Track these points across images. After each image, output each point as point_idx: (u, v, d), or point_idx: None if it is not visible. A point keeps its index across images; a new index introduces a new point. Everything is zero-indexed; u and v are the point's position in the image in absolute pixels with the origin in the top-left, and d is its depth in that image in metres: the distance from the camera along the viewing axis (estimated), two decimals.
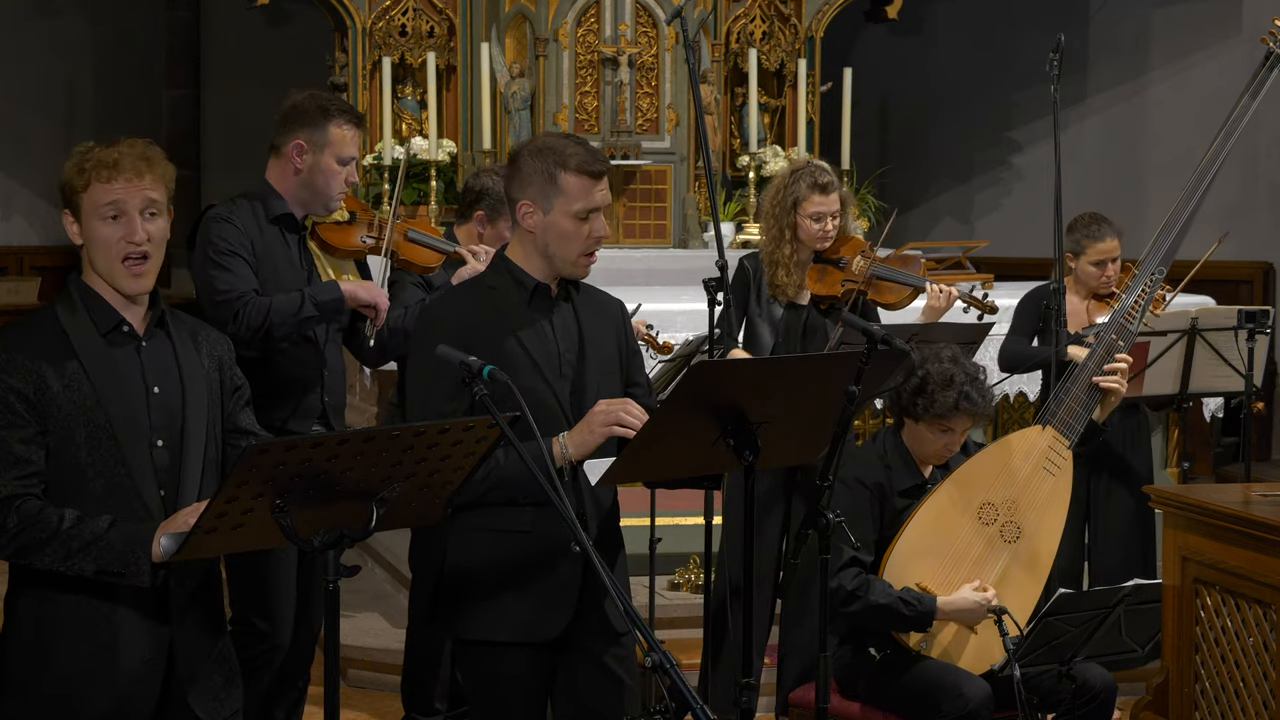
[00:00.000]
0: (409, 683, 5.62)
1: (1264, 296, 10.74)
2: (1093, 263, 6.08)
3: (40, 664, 3.34)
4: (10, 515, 3.24)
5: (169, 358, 3.40)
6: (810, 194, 5.48)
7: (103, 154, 3.32)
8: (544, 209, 3.67)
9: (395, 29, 9.20)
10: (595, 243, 3.70)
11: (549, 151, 3.68)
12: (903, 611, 4.53)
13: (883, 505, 4.70)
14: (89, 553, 3.23)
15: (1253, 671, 4.34)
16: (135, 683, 3.34)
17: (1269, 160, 10.53)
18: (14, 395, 3.25)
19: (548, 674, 3.76)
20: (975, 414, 4.66)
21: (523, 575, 3.69)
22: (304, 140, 4.63)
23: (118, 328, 3.36)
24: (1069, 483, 4.80)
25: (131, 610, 3.33)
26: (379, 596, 7.22)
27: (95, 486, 3.29)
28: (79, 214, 3.34)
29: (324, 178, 4.65)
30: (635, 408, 3.52)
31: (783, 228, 5.50)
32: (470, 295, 3.82)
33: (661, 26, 8.88)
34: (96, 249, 3.33)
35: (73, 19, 12.39)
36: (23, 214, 12.27)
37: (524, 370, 3.62)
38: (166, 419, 3.36)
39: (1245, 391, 6.14)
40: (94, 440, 3.29)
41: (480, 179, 5.54)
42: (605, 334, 3.81)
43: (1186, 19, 11.11)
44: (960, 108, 12.25)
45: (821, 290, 5.58)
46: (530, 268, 3.72)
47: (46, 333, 3.32)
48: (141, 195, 3.32)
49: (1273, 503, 4.49)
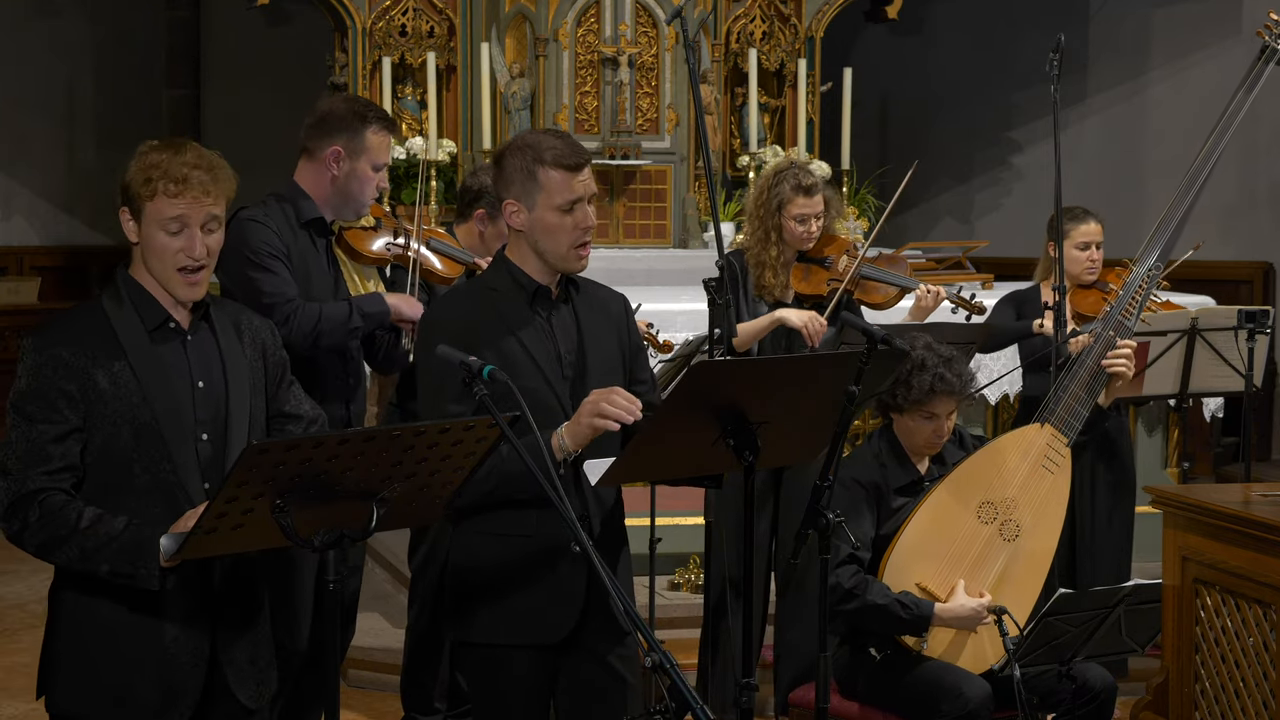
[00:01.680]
0: (409, 682, 5.62)
1: (1264, 296, 10.74)
2: (1078, 246, 6.15)
3: (89, 656, 3.36)
4: (34, 508, 3.27)
5: (213, 350, 3.43)
6: (794, 196, 5.50)
7: (172, 166, 3.33)
8: (528, 206, 3.68)
9: (395, 29, 9.19)
10: (583, 233, 3.68)
11: (526, 148, 3.69)
12: (899, 614, 4.54)
13: (879, 503, 4.71)
14: (103, 553, 3.25)
15: (1253, 671, 4.34)
16: (182, 671, 3.36)
17: (1268, 158, 10.53)
18: (57, 392, 3.28)
19: (551, 675, 3.76)
20: (952, 393, 4.67)
21: (527, 578, 3.69)
22: (342, 147, 4.61)
23: (164, 324, 3.39)
24: (1068, 480, 4.81)
25: (177, 599, 3.35)
26: (379, 596, 7.22)
27: (141, 481, 3.32)
28: (139, 218, 3.36)
29: (359, 184, 4.64)
30: (620, 396, 3.48)
31: (768, 229, 5.51)
32: (471, 296, 3.82)
33: (661, 26, 8.88)
34: (153, 255, 3.36)
35: (73, 19, 12.38)
36: (23, 214, 12.27)
37: (525, 371, 3.62)
38: (211, 412, 3.39)
39: (1245, 391, 6.14)
40: (140, 437, 3.31)
41: (479, 177, 5.54)
42: (606, 332, 3.81)
43: (1186, 19, 11.11)
44: (960, 108, 12.25)
45: (806, 289, 5.59)
46: (528, 268, 3.72)
47: (95, 329, 3.35)
48: (204, 211, 3.35)
49: (1273, 503, 4.49)
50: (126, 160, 3.42)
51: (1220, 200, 10.68)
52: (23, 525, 3.28)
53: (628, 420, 3.46)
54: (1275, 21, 5.34)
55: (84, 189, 12.40)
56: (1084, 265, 6.17)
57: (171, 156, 3.34)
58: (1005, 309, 6.32)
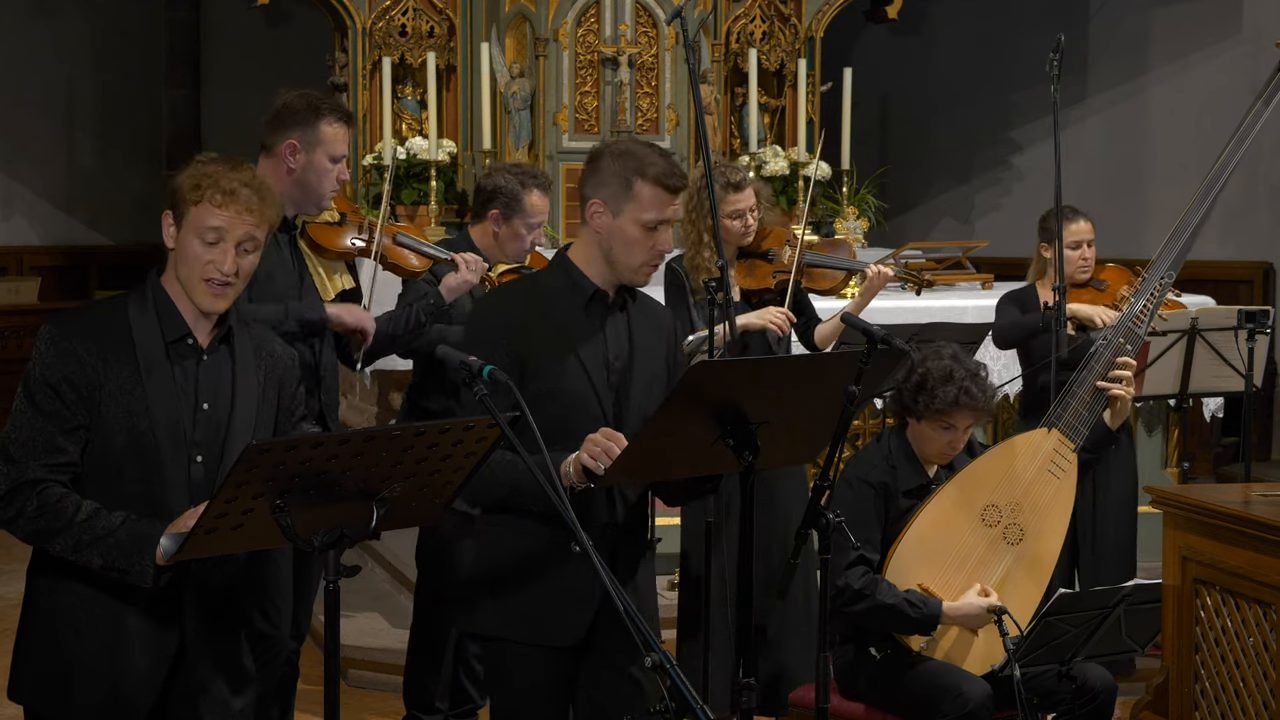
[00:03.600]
0: (411, 681, 5.63)
1: (1264, 296, 10.74)
2: (1069, 245, 6.14)
3: (49, 643, 3.39)
4: (31, 499, 3.28)
5: (226, 375, 3.43)
6: (725, 194, 5.49)
7: (223, 178, 3.35)
8: (614, 211, 3.67)
9: (395, 29, 9.19)
10: (658, 255, 3.70)
11: (630, 156, 3.68)
12: (908, 613, 4.53)
13: (887, 505, 4.70)
14: (97, 547, 3.26)
15: (1253, 671, 4.34)
16: (133, 683, 3.37)
17: (1270, 161, 10.53)
18: (67, 385, 3.30)
19: (570, 675, 3.76)
20: (976, 409, 4.65)
21: (545, 576, 3.68)
22: (297, 140, 4.62)
23: (183, 339, 3.39)
24: (1073, 485, 4.79)
25: (142, 612, 3.36)
26: (379, 596, 7.22)
27: (129, 489, 3.32)
28: (180, 222, 3.37)
29: (317, 176, 4.65)
30: (611, 443, 3.45)
31: (700, 231, 5.48)
32: (523, 293, 3.84)
33: (661, 26, 8.88)
34: (184, 260, 3.37)
35: (73, 19, 12.38)
36: (23, 214, 12.26)
37: (572, 373, 3.64)
38: (209, 436, 3.39)
39: (1245, 391, 6.14)
40: (134, 446, 3.32)
41: (494, 178, 5.54)
42: (656, 347, 3.83)
43: (1186, 19, 11.10)
44: (960, 108, 12.25)
45: (752, 284, 5.59)
46: (591, 271, 3.72)
47: (114, 329, 3.35)
48: (245, 230, 3.36)
49: (1273, 503, 4.48)
50: (183, 164, 3.44)
51: (1221, 200, 10.64)
52: (18, 513, 3.30)
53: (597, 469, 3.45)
54: None
55: (84, 189, 12.40)
56: (1076, 264, 6.19)
57: (226, 170, 3.37)
58: (1009, 307, 6.31)
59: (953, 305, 7.53)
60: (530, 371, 3.62)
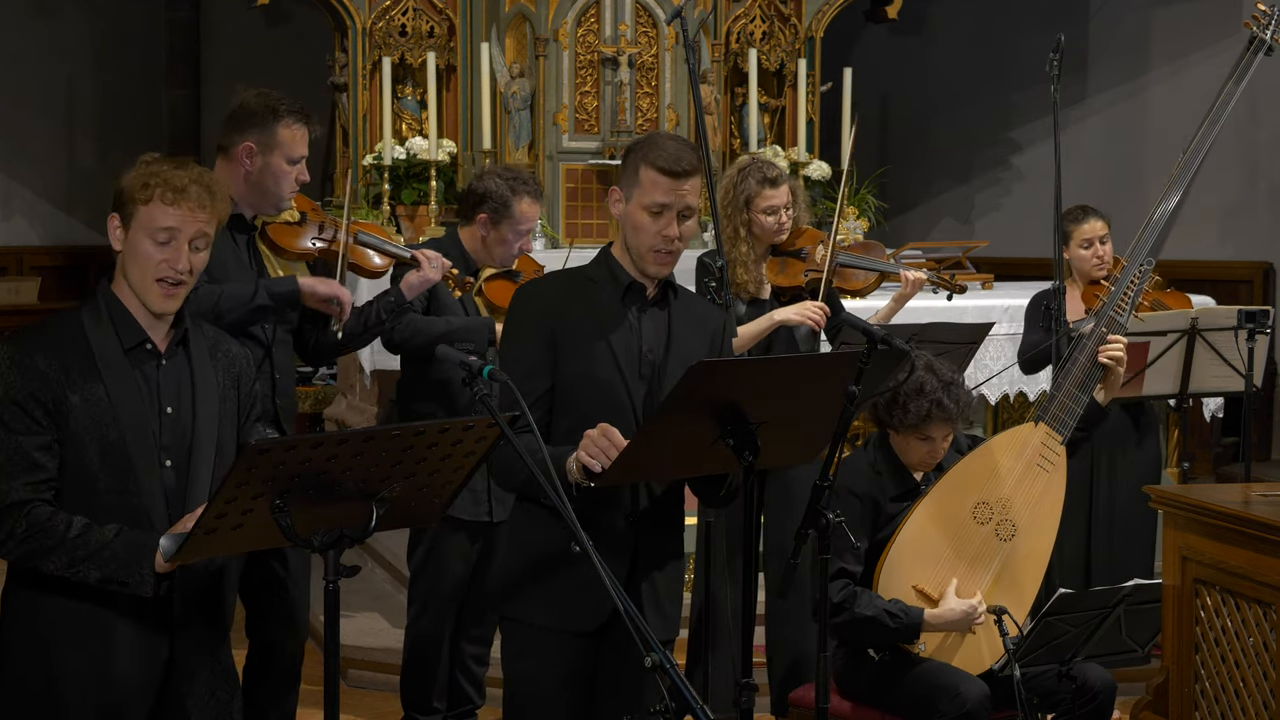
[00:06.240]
0: (408, 682, 5.62)
1: (1264, 296, 10.73)
2: (1081, 245, 6.24)
3: (35, 663, 3.35)
4: (20, 520, 3.25)
5: (185, 377, 3.41)
6: (760, 189, 5.55)
7: (172, 176, 3.33)
8: (626, 198, 3.78)
9: (395, 29, 9.19)
10: (664, 241, 3.73)
11: (643, 144, 3.81)
12: (888, 624, 4.53)
13: (875, 514, 4.70)
14: (94, 561, 3.24)
15: (1253, 671, 4.34)
16: (128, 693, 3.35)
17: (1269, 159, 10.53)
18: (34, 402, 3.26)
19: (589, 664, 3.77)
20: (950, 420, 4.66)
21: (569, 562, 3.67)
22: (254, 142, 4.57)
23: (141, 345, 3.37)
24: (1063, 479, 4.80)
25: (130, 620, 3.34)
26: (379, 596, 7.22)
27: (106, 500, 3.30)
28: (129, 223, 3.35)
29: (274, 179, 4.59)
30: (608, 439, 3.46)
31: (736, 226, 5.55)
32: (564, 282, 3.87)
33: (661, 26, 8.88)
34: (135, 263, 3.35)
35: (73, 19, 12.38)
36: (23, 214, 12.27)
37: (603, 363, 3.68)
38: (177, 439, 3.38)
39: (1245, 391, 6.14)
40: (106, 456, 3.30)
41: (485, 181, 5.51)
42: (697, 342, 3.84)
43: (1186, 19, 11.10)
44: (960, 108, 12.25)
45: (784, 282, 5.60)
46: (625, 263, 3.79)
47: (72, 343, 3.32)
48: (197, 227, 3.35)
49: (1273, 503, 4.49)
50: (126, 163, 3.41)
51: (1220, 200, 10.67)
52: (7, 535, 3.26)
53: (595, 467, 3.46)
54: (1264, 13, 5.37)
55: (84, 189, 12.40)
56: (1091, 263, 6.25)
57: (173, 169, 3.35)
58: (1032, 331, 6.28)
59: (953, 305, 7.51)
60: (562, 354, 3.68)
